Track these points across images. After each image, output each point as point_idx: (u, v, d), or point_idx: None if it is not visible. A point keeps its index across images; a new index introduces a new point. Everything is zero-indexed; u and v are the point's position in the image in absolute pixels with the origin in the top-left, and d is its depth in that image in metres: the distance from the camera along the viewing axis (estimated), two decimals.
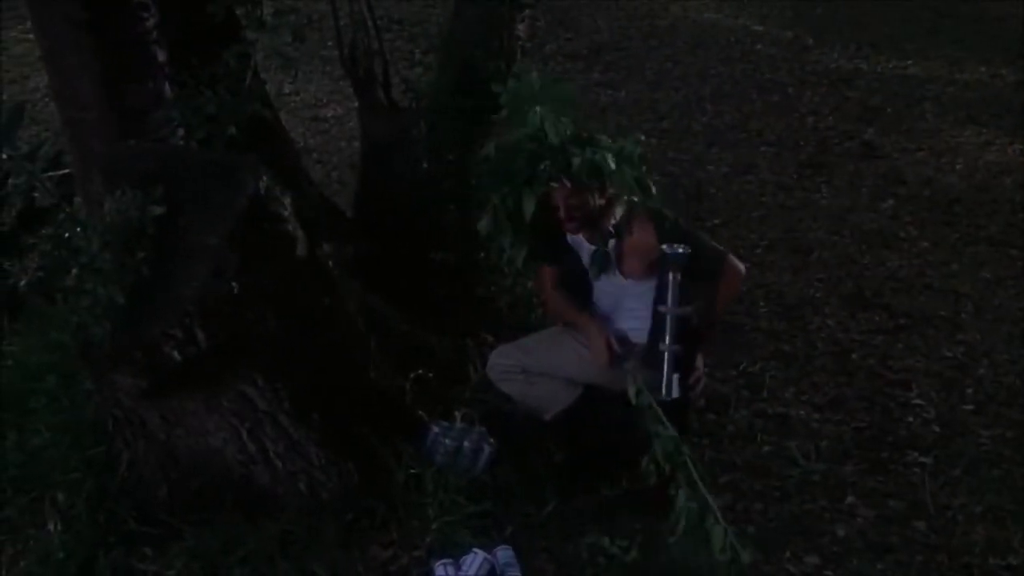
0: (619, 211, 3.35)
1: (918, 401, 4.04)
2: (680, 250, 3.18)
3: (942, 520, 3.38)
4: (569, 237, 3.45)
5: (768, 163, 6.43)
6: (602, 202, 3.31)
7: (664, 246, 3.21)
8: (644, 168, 3.29)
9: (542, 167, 3.18)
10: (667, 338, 3.23)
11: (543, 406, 3.51)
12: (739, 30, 8.93)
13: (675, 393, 3.25)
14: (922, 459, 3.69)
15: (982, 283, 4.98)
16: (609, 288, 3.45)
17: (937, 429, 3.87)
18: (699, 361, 3.46)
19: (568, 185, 3.23)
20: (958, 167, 6.38)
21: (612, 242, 3.37)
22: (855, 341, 4.47)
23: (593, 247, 3.38)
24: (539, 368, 3.48)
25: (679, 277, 3.19)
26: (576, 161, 3.16)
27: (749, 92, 7.63)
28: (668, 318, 3.22)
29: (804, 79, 7.87)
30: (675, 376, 3.25)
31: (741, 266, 3.48)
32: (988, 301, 4.81)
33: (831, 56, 8.37)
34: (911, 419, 3.93)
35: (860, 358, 4.34)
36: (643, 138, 3.35)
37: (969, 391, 4.12)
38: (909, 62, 8.28)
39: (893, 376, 4.21)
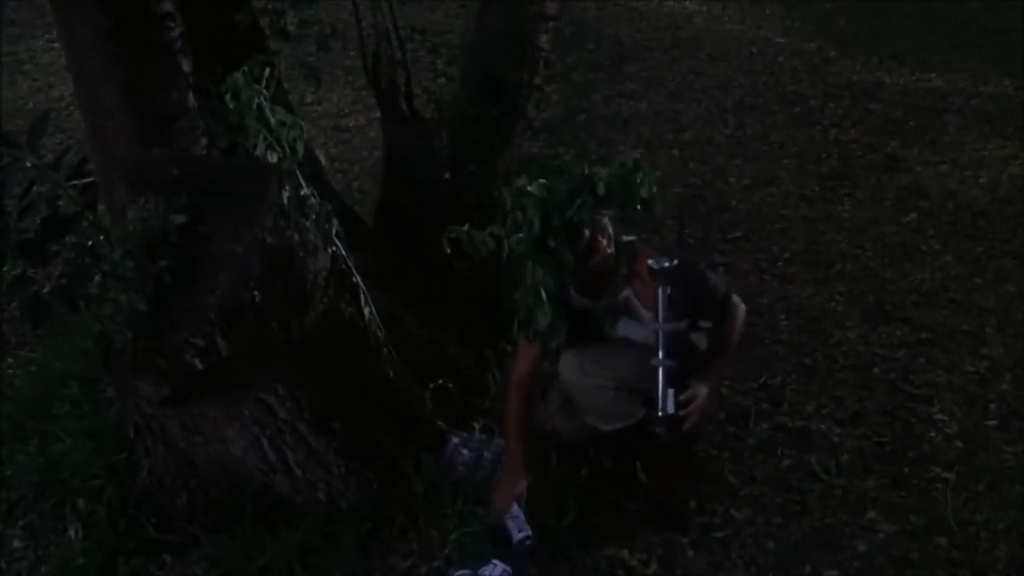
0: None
1: (940, 416, 4.01)
2: (667, 263, 3.11)
3: (964, 536, 3.36)
4: (574, 298, 3.34)
5: (790, 175, 6.40)
6: (612, 249, 3.22)
7: (650, 260, 3.14)
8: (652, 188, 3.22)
9: (578, 201, 3.10)
10: (660, 352, 3.18)
11: (604, 419, 3.43)
12: (761, 42, 8.90)
13: (671, 408, 3.18)
14: (944, 474, 3.66)
15: (1005, 297, 4.94)
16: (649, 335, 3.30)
17: (960, 444, 3.84)
18: (701, 388, 3.24)
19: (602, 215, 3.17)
20: (981, 180, 6.33)
21: (627, 291, 3.31)
22: (877, 355, 4.43)
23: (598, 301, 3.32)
24: (611, 380, 3.36)
25: (668, 290, 3.13)
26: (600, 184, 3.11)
27: (771, 104, 7.60)
28: (660, 333, 3.17)
29: (826, 91, 7.83)
30: (670, 391, 3.18)
31: (743, 306, 3.44)
32: (1012, 315, 4.77)
33: (854, 68, 8.33)
34: (933, 434, 3.90)
35: (882, 372, 4.31)
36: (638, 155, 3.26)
37: (992, 406, 4.08)
38: (932, 74, 8.23)
39: (915, 390, 4.18)
